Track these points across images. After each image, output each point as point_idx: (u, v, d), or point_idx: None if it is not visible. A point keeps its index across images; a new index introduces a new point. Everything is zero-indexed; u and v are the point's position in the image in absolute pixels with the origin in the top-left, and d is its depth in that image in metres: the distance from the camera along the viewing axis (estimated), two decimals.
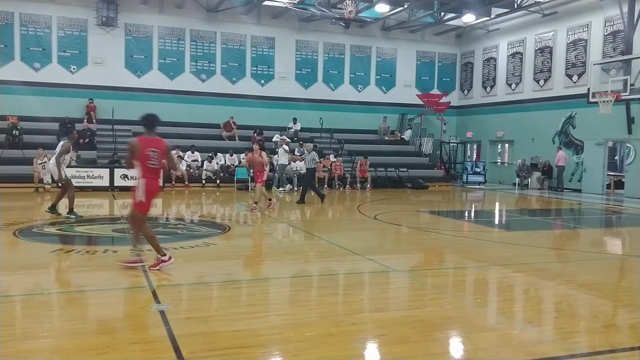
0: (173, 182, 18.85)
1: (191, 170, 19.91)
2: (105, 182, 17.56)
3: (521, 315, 5.40)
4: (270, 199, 13.89)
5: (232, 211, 14.45)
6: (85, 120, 21.04)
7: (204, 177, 19.78)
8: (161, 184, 6.94)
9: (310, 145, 16.17)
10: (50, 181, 16.63)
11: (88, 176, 17.42)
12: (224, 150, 21.12)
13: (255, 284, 6.58)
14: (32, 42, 21.46)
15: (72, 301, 5.63)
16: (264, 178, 13.47)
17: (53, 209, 11.19)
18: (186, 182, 19.21)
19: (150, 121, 6.70)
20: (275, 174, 19.34)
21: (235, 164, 20.48)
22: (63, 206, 11.44)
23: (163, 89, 23.09)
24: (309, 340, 4.46)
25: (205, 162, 20.21)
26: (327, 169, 20.72)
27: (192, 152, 20.61)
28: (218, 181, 19.86)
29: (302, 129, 24.16)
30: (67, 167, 11.37)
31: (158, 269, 6.56)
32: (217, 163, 20.44)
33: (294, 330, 4.68)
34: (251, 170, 14.42)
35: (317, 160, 16.10)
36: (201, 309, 5.32)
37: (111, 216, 12.88)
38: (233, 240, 9.71)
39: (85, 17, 22.06)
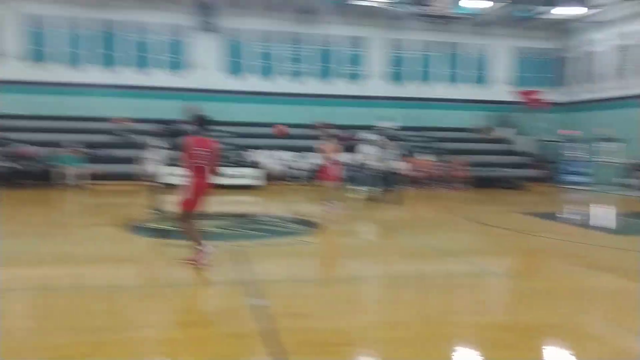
0: (270, 181, 19.42)
1: (288, 169, 20.51)
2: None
3: (630, 324, 5.06)
4: (336, 201, 13.43)
5: (331, 209, 14.65)
6: (185, 122, 22.13)
7: (298, 175, 20.29)
8: (208, 182, 6.98)
9: (392, 142, 15.78)
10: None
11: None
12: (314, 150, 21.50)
13: (351, 282, 6.65)
14: (140, 48, 22.94)
15: (176, 294, 5.97)
16: (334, 175, 12.90)
17: (153, 207, 11.79)
18: (281, 180, 19.74)
19: (201, 121, 6.98)
20: (356, 173, 19.27)
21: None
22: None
23: (260, 91, 23.87)
24: (406, 340, 4.46)
25: (299, 160, 20.70)
26: (418, 169, 20.44)
27: (288, 152, 21.15)
28: (311, 180, 20.27)
29: (392, 128, 23.98)
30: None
31: (192, 265, 6.73)
32: (311, 162, 20.86)
33: (392, 331, 4.69)
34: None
35: (398, 158, 15.67)
36: (298, 305, 5.46)
37: (211, 213, 13.46)
38: (327, 239, 9.85)
39: (187, 23, 23.25)
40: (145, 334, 4.57)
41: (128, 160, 19.10)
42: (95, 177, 18.01)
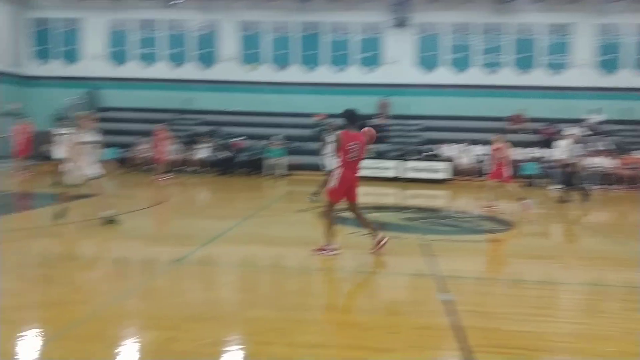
0: (460, 175, 19.00)
1: (478, 164, 19.77)
2: (394, 173, 18.70)
3: None
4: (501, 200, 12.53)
5: (519, 208, 13.88)
6: (378, 116, 22.75)
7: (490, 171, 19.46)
8: (358, 175, 7.01)
9: (594, 137, 14.10)
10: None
11: (379, 167, 18.80)
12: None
13: (544, 286, 6.23)
14: (336, 48, 24.09)
15: (364, 281, 6.23)
16: (506, 174, 12.10)
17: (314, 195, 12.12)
18: (472, 175, 19.17)
19: (350, 116, 7.01)
20: (550, 170, 17.71)
21: (525, 158, 19.56)
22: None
23: (452, 84, 23.44)
24: (607, 356, 4.07)
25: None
26: (628, 166, 18.16)
27: (475, 146, 20.42)
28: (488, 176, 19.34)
29: (599, 122, 21.62)
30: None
31: (319, 254, 6.84)
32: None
33: (589, 342, 4.32)
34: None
35: (597, 154, 14.01)
36: (486, 304, 5.32)
37: (399, 205, 13.69)
38: (519, 238, 9.35)
39: (381, 20, 23.73)
40: (336, 317, 4.87)
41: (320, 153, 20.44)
42: (295, 167, 19.51)
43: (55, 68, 25.00)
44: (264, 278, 6.28)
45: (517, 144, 20.26)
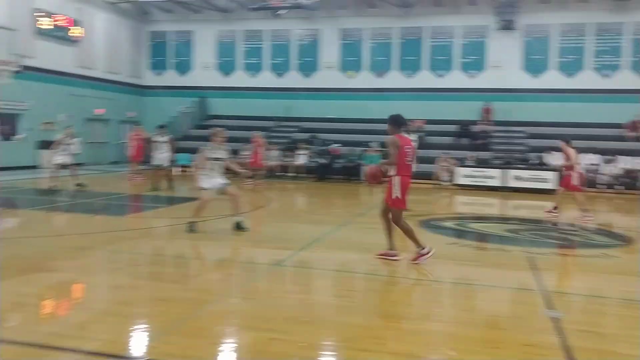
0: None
1: (588, 174, 18.47)
2: (498, 182, 17.98)
3: None
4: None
5: (637, 222, 12.81)
6: (480, 123, 22.01)
7: (602, 181, 18.12)
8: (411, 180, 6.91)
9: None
10: (447, 179, 18.09)
11: (482, 176, 18.16)
12: (626, 153, 18.92)
13: None
14: (438, 52, 23.67)
15: (465, 293, 6.03)
16: (574, 182, 11.41)
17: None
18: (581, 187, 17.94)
19: (398, 121, 6.87)
20: None
21: None
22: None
23: (561, 89, 22.16)
24: None
25: (604, 165, 18.47)
26: None
27: (585, 154, 19.10)
28: (620, 186, 17.91)
29: None
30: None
31: (417, 263, 6.66)
32: (618, 166, 18.42)
33: None
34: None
35: None
36: (597, 323, 4.95)
37: (503, 216, 13.13)
38: (634, 254, 8.61)
39: (486, 23, 22.98)
40: (434, 328, 4.75)
41: (420, 160, 20.10)
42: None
43: (169, 78, 26.71)
44: (360, 284, 6.28)
45: (636, 153, 18.80)
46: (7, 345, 4.02)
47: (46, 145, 20.43)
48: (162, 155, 14.24)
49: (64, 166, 13.53)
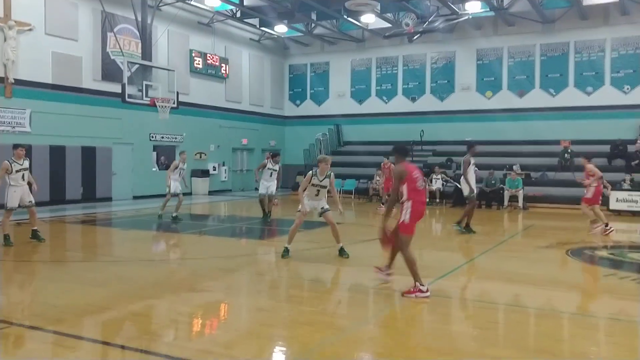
0: None
1: None
2: None
3: None
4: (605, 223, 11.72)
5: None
6: (638, 142, 19.97)
7: None
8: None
9: None
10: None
11: (636, 201, 16.38)
12: None
13: None
14: (585, 68, 22.03)
15: (624, 330, 5.42)
16: (588, 196, 11.92)
17: (459, 225, 11.94)
18: None
19: (403, 151, 6.74)
20: None
21: None
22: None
23: None
24: None
25: None
26: None
27: None
28: None
29: None
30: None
31: (414, 297, 6.08)
32: None
33: None
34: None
35: None
36: None
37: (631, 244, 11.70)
38: None
39: None
40: None
41: (567, 184, 18.69)
42: (534, 199, 18.23)
43: (307, 108, 27.86)
44: (504, 316, 5.93)
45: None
46: (162, 358, 4.38)
47: (198, 173, 22.32)
48: (270, 183, 13.51)
49: (175, 194, 13.08)
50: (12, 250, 9.04)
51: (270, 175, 13.40)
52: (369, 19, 21.86)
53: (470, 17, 21.10)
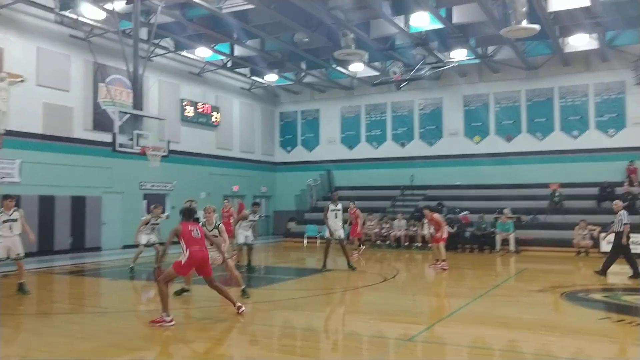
0: None
1: None
2: None
3: None
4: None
5: None
6: (625, 184, 20.21)
7: None
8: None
9: (620, 203, 12.00)
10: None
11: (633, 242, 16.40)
12: None
13: None
14: (570, 112, 22.48)
15: None
16: None
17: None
18: None
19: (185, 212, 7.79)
20: None
21: None
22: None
23: None
24: None
25: None
26: None
27: None
28: None
29: None
30: None
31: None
32: None
33: None
34: None
35: (625, 221, 11.51)
36: None
37: None
38: None
39: (622, 79, 21.56)
40: None
41: (557, 227, 18.76)
42: (525, 242, 18.24)
43: (297, 154, 28.05)
44: None
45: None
46: None
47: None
48: (247, 232, 13.30)
49: (147, 245, 12.61)
50: None
51: (250, 226, 13.41)
52: (358, 68, 22.33)
53: (456, 64, 21.63)
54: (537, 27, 14.76)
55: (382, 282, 11.59)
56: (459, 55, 20.90)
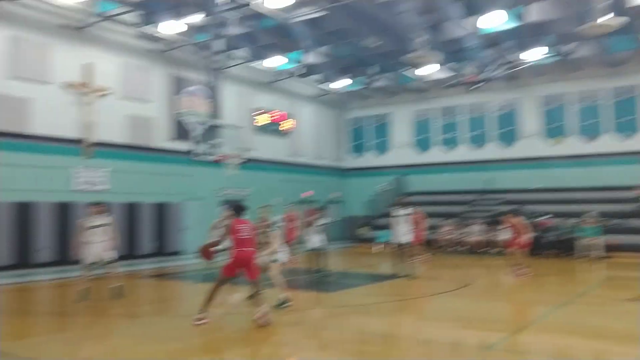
0: None
1: None
2: None
3: None
4: None
5: None
6: None
7: None
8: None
9: None
10: None
11: None
12: None
13: None
14: None
15: None
16: None
17: None
18: None
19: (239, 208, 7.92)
20: None
21: None
22: None
23: None
24: None
25: None
26: None
27: None
28: None
29: None
30: None
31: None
32: None
33: None
34: None
35: None
36: None
37: None
38: None
39: None
40: None
41: None
42: (613, 248, 17.26)
43: (368, 159, 28.02)
44: None
45: None
46: None
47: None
48: (319, 237, 13.37)
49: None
50: (88, 305, 9.42)
51: (320, 231, 13.43)
52: (429, 71, 22.05)
53: (532, 63, 20.88)
54: (622, 19, 13.90)
55: (459, 288, 11.36)
56: (535, 54, 20.17)
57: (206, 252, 8.32)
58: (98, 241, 9.90)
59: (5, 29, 15.13)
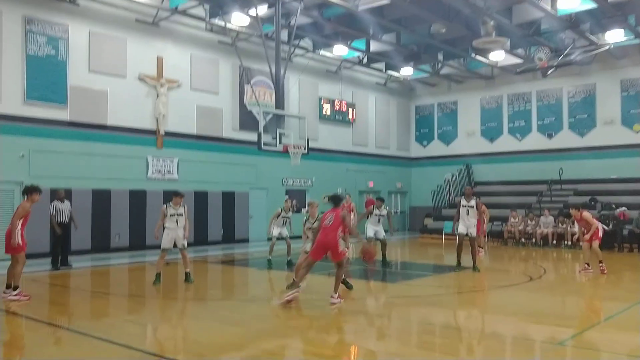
0: None
1: None
2: None
3: None
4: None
5: None
6: None
7: None
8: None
9: None
10: None
11: None
12: None
13: None
14: None
15: None
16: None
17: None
18: None
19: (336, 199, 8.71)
20: None
21: None
22: None
23: None
24: None
25: None
26: None
27: None
28: None
29: None
30: None
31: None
32: None
33: None
34: None
35: None
36: None
37: None
38: None
39: None
40: None
41: None
42: None
43: (434, 148, 27.51)
44: None
45: None
46: None
47: None
48: (377, 227, 13.08)
49: (279, 238, 13.29)
50: (161, 289, 9.85)
51: (378, 221, 13.27)
52: (499, 56, 21.29)
53: (612, 46, 19.73)
54: None
55: (528, 282, 10.99)
56: (615, 36, 19.04)
57: (369, 254, 8.90)
58: (174, 227, 10.31)
59: (86, 25, 15.97)
